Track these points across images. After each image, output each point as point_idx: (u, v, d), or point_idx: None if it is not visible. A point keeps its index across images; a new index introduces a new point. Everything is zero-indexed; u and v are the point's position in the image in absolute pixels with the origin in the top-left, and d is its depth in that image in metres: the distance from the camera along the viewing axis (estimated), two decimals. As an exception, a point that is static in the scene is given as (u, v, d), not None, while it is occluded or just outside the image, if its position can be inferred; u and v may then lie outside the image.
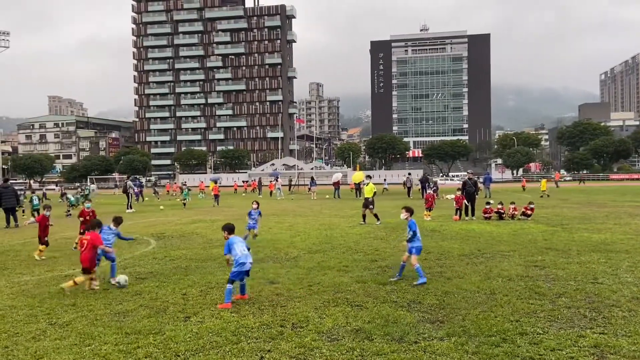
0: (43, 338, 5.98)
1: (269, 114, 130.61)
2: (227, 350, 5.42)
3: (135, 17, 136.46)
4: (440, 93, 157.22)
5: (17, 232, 18.18)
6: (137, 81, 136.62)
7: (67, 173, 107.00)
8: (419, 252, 8.54)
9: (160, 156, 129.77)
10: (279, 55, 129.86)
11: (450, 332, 5.83)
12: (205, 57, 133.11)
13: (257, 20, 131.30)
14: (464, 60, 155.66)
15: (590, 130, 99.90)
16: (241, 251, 7.41)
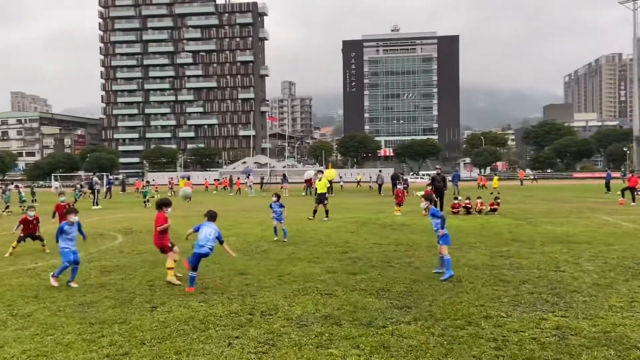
0: (3, 328, 5.80)
1: (241, 112, 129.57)
2: (195, 337, 5.37)
3: (102, 11, 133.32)
4: (410, 93, 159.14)
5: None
6: (104, 77, 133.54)
7: (30, 171, 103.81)
8: (447, 241, 8.11)
9: (128, 154, 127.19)
10: (251, 52, 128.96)
11: (417, 316, 5.92)
12: (175, 53, 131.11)
13: (228, 17, 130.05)
14: (433, 61, 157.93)
15: (554, 130, 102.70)
16: (206, 235, 7.42)
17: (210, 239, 7.47)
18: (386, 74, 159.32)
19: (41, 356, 4.89)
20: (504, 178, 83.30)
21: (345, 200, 29.53)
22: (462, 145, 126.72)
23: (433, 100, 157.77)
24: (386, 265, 9.15)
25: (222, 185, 55.32)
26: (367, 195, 36.34)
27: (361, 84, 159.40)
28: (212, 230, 7.57)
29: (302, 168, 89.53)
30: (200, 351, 4.95)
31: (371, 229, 14.71)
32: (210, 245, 7.46)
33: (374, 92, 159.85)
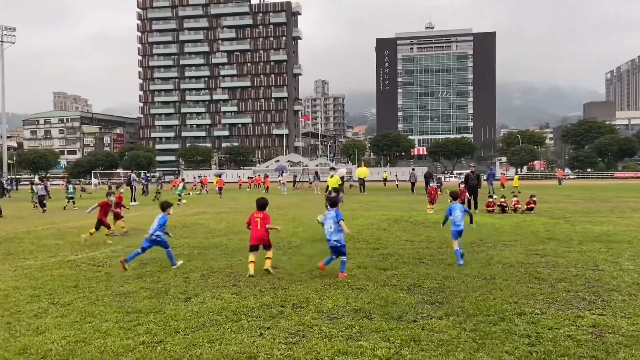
0: (45, 316, 6.05)
1: (274, 111, 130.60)
2: (227, 327, 5.47)
3: (141, 12, 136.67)
4: (445, 91, 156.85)
5: (24, 220, 18.29)
6: (142, 77, 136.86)
7: (71, 168, 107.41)
8: (454, 236, 8.84)
9: (164, 152, 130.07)
10: (285, 52, 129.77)
11: (448, 312, 5.86)
12: (210, 53, 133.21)
13: (262, 17, 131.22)
14: (469, 59, 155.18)
15: (595, 129, 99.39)
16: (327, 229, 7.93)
17: (332, 232, 7.80)
18: (420, 72, 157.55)
19: (80, 342, 5.08)
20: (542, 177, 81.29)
21: (377, 199, 29.41)
22: (497, 143, 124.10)
23: (468, 98, 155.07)
24: (418, 261, 9.08)
25: (255, 183, 56.00)
26: (399, 193, 36.06)
27: (394, 82, 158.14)
28: (331, 221, 7.83)
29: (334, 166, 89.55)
30: (233, 340, 5.05)
31: (403, 227, 14.61)
32: (335, 239, 7.79)
33: (408, 91, 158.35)
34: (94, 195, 38.96)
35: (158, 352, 4.75)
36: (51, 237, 13.50)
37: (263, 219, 8.33)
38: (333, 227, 7.83)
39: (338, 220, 7.84)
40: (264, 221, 8.30)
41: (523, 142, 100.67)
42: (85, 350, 4.85)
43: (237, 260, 9.58)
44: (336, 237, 7.81)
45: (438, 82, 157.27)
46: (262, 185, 48.13)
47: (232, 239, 12.51)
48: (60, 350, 4.84)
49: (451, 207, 9.09)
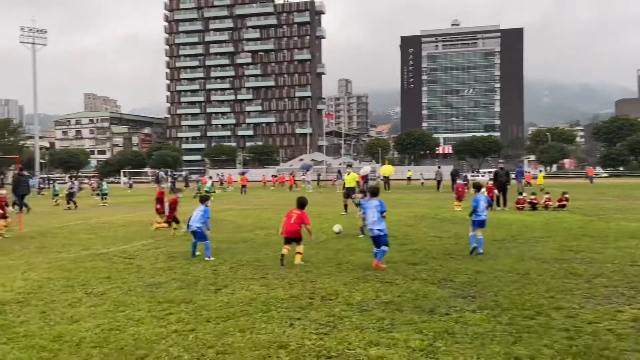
0: (79, 305, 6.15)
1: (298, 110, 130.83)
2: (257, 317, 5.47)
3: (168, 14, 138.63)
4: (471, 89, 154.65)
5: (57, 215, 18.72)
6: (169, 78, 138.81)
7: (101, 167, 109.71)
8: (474, 225, 9.13)
9: (190, 152, 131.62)
10: (308, 51, 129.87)
11: (482, 305, 5.74)
12: (235, 53, 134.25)
13: (286, 17, 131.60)
14: (496, 55, 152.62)
15: (627, 126, 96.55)
16: (371, 219, 7.85)
17: (375, 221, 7.77)
18: (445, 69, 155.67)
19: (114, 330, 5.14)
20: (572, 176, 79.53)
21: (403, 196, 29.17)
22: (526, 142, 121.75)
23: (495, 95, 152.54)
24: (447, 257, 8.94)
25: (279, 182, 56.26)
26: (424, 191, 35.69)
27: (419, 80, 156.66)
28: (373, 210, 7.83)
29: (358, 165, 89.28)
30: (263, 330, 5.04)
31: (430, 223, 14.44)
32: (379, 228, 7.77)
33: (433, 89, 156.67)
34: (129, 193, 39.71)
35: (190, 340, 4.78)
36: (83, 231, 13.78)
37: (300, 216, 8.64)
38: (376, 216, 7.80)
39: (382, 211, 7.84)
40: (301, 220, 8.60)
41: (553, 140, 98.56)
42: (119, 337, 4.90)
43: (264, 254, 9.59)
44: (379, 227, 7.77)
45: (464, 79, 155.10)
46: (287, 184, 48.24)
47: (259, 234, 12.56)
48: (94, 338, 4.90)
49: (477, 197, 9.30)
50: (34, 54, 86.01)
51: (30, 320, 5.51)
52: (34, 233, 13.67)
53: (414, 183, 52.50)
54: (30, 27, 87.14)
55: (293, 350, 4.48)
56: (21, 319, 5.56)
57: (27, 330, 5.18)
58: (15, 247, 10.98)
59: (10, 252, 10.35)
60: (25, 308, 6.04)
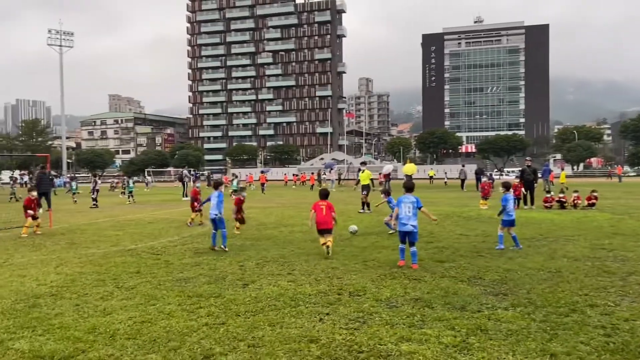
0: (111, 298, 6.24)
1: (318, 109, 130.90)
2: (286, 312, 5.47)
3: (190, 16, 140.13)
4: (495, 86, 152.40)
5: (85, 213, 19.08)
6: (191, 79, 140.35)
7: (125, 167, 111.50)
8: (505, 224, 9.24)
9: (212, 151, 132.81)
10: (329, 50, 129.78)
11: (514, 303, 5.65)
12: (256, 53, 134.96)
13: (307, 16, 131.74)
14: (520, 52, 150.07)
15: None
16: (405, 214, 7.77)
17: (410, 217, 7.70)
18: (468, 67, 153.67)
19: (146, 322, 5.20)
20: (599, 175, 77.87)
21: (426, 195, 28.90)
22: (551, 140, 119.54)
23: (520, 93, 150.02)
24: (476, 254, 8.82)
25: (301, 181, 56.44)
26: (448, 190, 35.34)
27: (441, 78, 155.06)
28: (409, 206, 7.75)
29: (379, 164, 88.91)
30: (293, 324, 5.04)
31: (456, 221, 14.28)
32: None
33: (455, 87, 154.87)
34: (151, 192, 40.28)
35: (221, 333, 4.80)
36: (111, 228, 14.01)
37: (328, 207, 9.10)
38: (411, 211, 7.74)
39: (418, 207, 7.80)
40: (331, 209, 9.13)
41: (579, 139, 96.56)
42: (151, 330, 4.96)
43: (289, 250, 9.62)
44: (413, 222, 7.73)
45: (487, 77, 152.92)
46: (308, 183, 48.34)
47: (283, 232, 12.60)
48: (127, 330, 4.97)
49: (506, 196, 9.35)
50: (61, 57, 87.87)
51: (65, 313, 5.62)
52: (63, 230, 13.95)
53: (435, 182, 51.98)
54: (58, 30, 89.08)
55: (324, 345, 4.46)
56: (56, 312, 5.67)
57: (62, 322, 5.28)
58: (47, 243, 11.22)
59: (42, 248, 10.58)
60: (59, 301, 6.15)
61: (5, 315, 5.57)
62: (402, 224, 7.76)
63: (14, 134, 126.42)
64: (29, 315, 5.55)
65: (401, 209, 7.84)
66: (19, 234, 12.59)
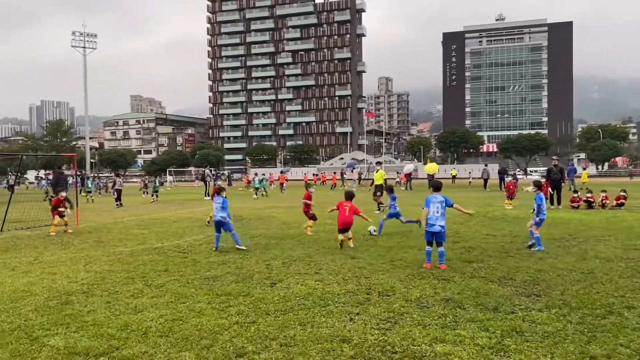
0: (141, 296, 6.30)
1: (338, 109, 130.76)
2: (316, 311, 5.45)
3: (210, 16, 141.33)
4: (517, 85, 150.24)
5: (110, 212, 19.36)
6: (211, 79, 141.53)
7: (147, 167, 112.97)
8: (539, 224, 9.12)
9: (232, 151, 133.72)
10: (348, 49, 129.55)
11: (549, 304, 5.53)
12: (275, 53, 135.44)
13: (326, 16, 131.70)
14: (543, 50, 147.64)
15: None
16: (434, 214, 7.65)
17: (438, 217, 7.59)
18: (490, 65, 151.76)
19: (177, 320, 5.23)
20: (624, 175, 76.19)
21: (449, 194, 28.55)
22: (575, 139, 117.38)
23: (542, 92, 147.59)
24: (504, 255, 8.68)
25: (321, 180, 56.39)
26: (471, 190, 34.93)
27: (462, 77, 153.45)
28: (438, 205, 7.64)
29: (399, 164, 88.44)
30: (324, 324, 5.01)
31: (481, 221, 14.09)
32: (441, 224, 7.60)
33: (476, 85, 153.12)
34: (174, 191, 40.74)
35: (252, 332, 4.80)
36: (136, 227, 14.19)
37: (352, 208, 9.60)
38: (439, 211, 7.63)
39: (448, 205, 7.69)
40: (354, 211, 9.60)
41: (604, 138, 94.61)
42: (182, 327, 4.98)
43: (314, 249, 9.60)
44: (441, 223, 7.63)
45: (509, 75, 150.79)
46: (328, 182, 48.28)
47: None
48: (159, 327, 5.00)
49: (540, 195, 9.26)
50: (84, 58, 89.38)
51: (97, 310, 5.68)
52: (90, 228, 14.17)
53: (458, 182, 51.39)
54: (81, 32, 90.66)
55: (356, 345, 4.42)
56: (88, 309, 5.75)
57: (95, 319, 5.34)
58: (75, 242, 11.41)
59: (71, 246, 10.76)
60: (90, 298, 6.23)
61: (39, 312, 5.66)
62: (430, 225, 7.65)
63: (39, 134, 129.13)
64: (62, 312, 5.63)
65: (430, 209, 7.71)
66: (47, 233, 12.83)
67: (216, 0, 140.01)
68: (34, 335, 4.84)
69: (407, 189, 36.61)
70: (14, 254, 9.82)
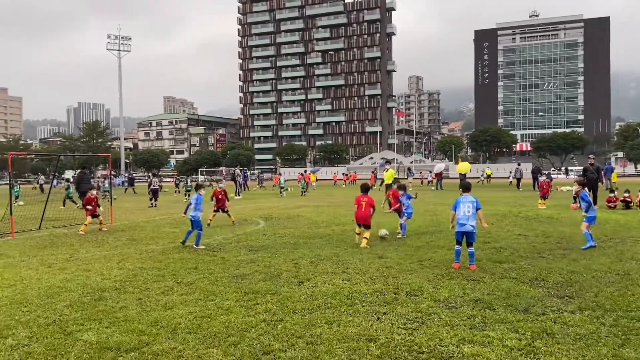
0: (171, 293, 6.42)
1: (368, 109, 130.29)
2: (343, 310, 5.44)
3: (241, 18, 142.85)
4: (551, 82, 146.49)
5: (143, 211, 19.80)
6: (242, 80, 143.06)
7: (180, 167, 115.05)
8: (591, 221, 9.12)
9: (262, 151, 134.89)
10: (378, 49, 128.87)
11: (582, 306, 5.37)
12: (305, 53, 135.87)
13: (356, 15, 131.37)
14: (579, 47, 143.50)
15: None
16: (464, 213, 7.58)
17: (469, 217, 7.54)
18: (523, 62, 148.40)
19: (206, 317, 5.31)
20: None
21: (480, 194, 28.10)
22: (612, 137, 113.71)
23: (578, 89, 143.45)
24: (537, 255, 8.48)
25: (351, 180, 56.32)
26: (503, 189, 34.26)
27: (494, 75, 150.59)
28: (468, 205, 7.60)
29: (430, 163, 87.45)
30: (350, 323, 5.00)
31: (513, 221, 13.80)
32: (472, 223, 7.53)
33: (509, 83, 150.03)
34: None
35: (279, 330, 4.83)
36: (168, 225, 14.47)
37: (368, 202, 9.71)
38: (470, 211, 7.57)
39: (477, 208, 7.63)
40: (371, 204, 9.72)
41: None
42: (211, 324, 5.06)
43: (342, 249, 9.59)
44: (472, 222, 7.56)
45: (543, 73, 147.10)
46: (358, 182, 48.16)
47: (335, 230, 12.57)
48: (188, 324, 5.09)
49: (585, 192, 9.36)
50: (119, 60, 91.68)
51: (129, 306, 5.82)
52: (123, 227, 14.53)
53: (494, 181, 50.37)
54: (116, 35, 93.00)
55: (383, 344, 4.40)
56: (120, 305, 5.89)
57: (127, 315, 5.47)
58: (109, 240, 11.71)
59: (105, 244, 11.06)
60: (122, 295, 6.39)
61: (73, 307, 5.84)
62: (460, 225, 7.58)
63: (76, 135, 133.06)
64: (96, 308, 5.79)
65: (459, 209, 7.66)
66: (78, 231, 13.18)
67: (247, 2, 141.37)
68: (68, 330, 4.99)
69: (438, 189, 36.18)
70: (51, 251, 10.16)
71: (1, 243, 11.54)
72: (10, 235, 12.45)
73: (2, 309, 5.84)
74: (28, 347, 4.57)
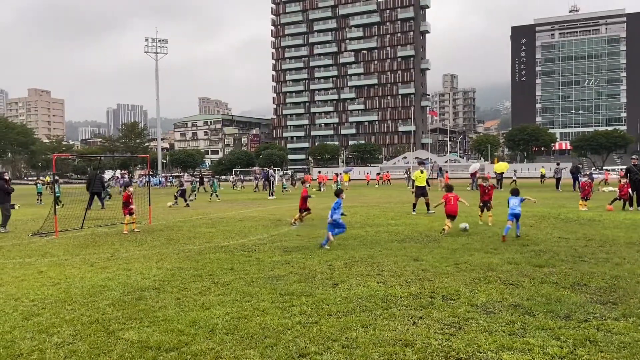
0: (208, 293, 6.53)
1: (401, 108, 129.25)
2: (378, 314, 5.42)
3: (274, 19, 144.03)
4: (592, 79, 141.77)
5: (179, 211, 20.21)
6: (275, 80, 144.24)
7: (214, 166, 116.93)
8: None
9: (295, 151, 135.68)
10: (412, 47, 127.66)
11: (626, 313, 5.19)
12: (338, 53, 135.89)
13: (389, 13, 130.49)
14: (621, 42, 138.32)
15: None
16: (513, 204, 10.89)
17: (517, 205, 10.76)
18: (562, 59, 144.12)
19: (242, 318, 5.38)
20: None
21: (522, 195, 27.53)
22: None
23: (620, 86, 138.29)
24: (578, 259, 8.23)
25: (384, 179, 56.05)
26: (541, 189, 33.38)
27: (532, 72, 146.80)
28: (517, 200, 10.87)
29: (465, 163, 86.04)
30: (386, 327, 4.97)
31: (553, 223, 13.44)
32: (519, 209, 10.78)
33: (548, 80, 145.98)
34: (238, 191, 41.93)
35: (315, 332, 4.85)
36: (204, 225, 14.73)
37: (455, 198, 11.90)
38: (518, 202, 10.82)
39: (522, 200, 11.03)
40: (456, 199, 11.92)
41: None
42: (247, 325, 5.12)
43: (376, 251, 9.54)
44: (520, 209, 10.80)
45: (584, 69, 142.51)
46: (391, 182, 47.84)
47: (369, 231, 12.53)
48: (225, 325, 5.17)
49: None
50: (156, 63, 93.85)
51: (168, 306, 5.96)
52: (161, 226, 14.86)
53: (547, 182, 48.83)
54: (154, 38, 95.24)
55: (419, 350, 4.36)
56: (159, 305, 6.04)
57: (165, 315, 5.60)
58: (148, 239, 12.01)
59: (144, 244, 11.34)
60: (161, 294, 6.54)
61: (115, 306, 6.01)
62: (512, 209, 10.66)
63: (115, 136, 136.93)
64: (136, 307, 5.95)
65: (511, 201, 10.85)
66: (121, 231, 13.57)
67: (280, 3, 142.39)
68: (111, 329, 5.14)
69: (473, 189, 35.55)
70: (92, 250, 10.50)
71: (46, 242, 11.99)
72: (55, 234, 12.93)
73: (48, 307, 6.07)
74: (72, 345, 4.73)
